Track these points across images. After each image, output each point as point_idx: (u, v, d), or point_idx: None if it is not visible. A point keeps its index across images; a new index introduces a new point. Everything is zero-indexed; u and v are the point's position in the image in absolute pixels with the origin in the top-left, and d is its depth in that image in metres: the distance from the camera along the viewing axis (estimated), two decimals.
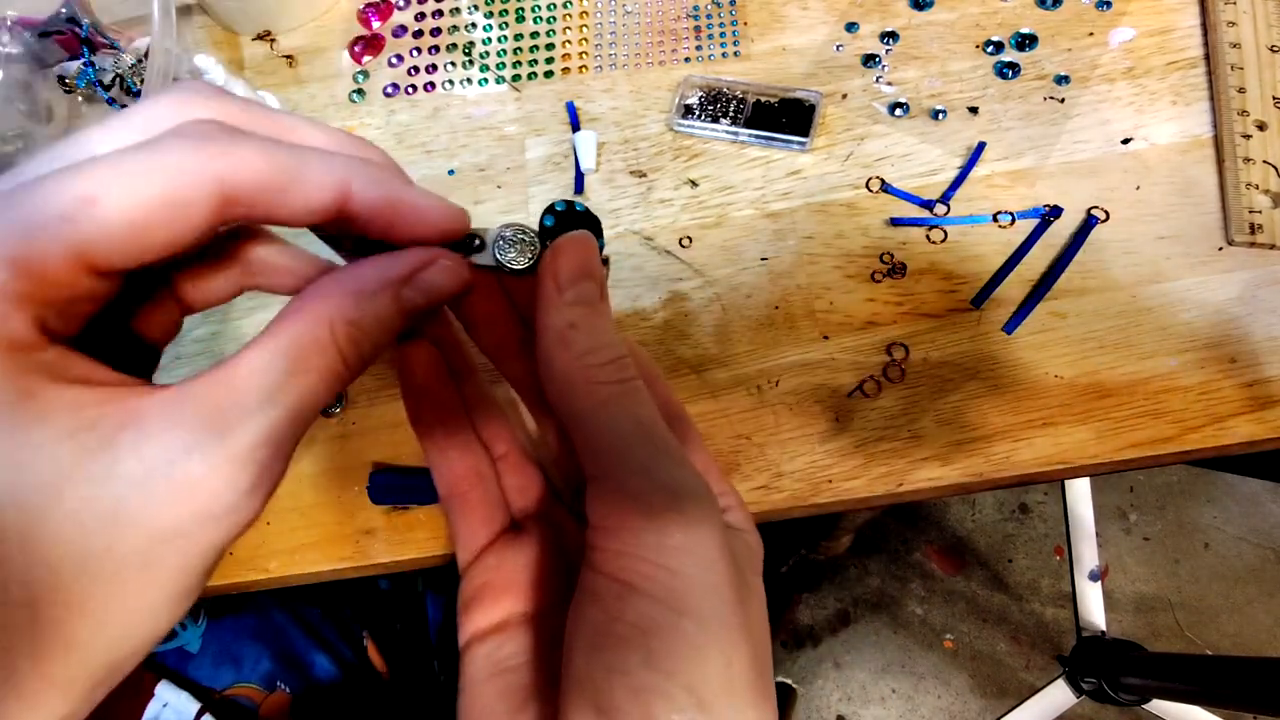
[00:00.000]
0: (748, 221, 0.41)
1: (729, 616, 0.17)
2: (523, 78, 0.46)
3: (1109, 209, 0.38)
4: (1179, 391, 0.35)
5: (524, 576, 0.22)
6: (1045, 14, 0.43)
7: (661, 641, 0.16)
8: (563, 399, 0.19)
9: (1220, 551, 1.11)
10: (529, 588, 0.22)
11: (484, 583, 0.22)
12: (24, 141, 0.47)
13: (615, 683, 0.16)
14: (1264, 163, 0.37)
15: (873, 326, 0.38)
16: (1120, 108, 0.40)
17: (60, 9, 0.47)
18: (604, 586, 0.17)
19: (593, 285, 0.20)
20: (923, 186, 0.40)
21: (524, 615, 0.22)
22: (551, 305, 0.20)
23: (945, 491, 0.35)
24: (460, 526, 0.24)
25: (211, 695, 0.44)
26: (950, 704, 1.06)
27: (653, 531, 0.17)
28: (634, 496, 0.17)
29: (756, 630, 0.18)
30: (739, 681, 0.16)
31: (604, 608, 0.17)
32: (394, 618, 0.57)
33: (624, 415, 0.19)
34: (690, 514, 0.17)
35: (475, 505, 0.24)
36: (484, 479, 0.24)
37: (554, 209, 0.23)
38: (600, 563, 0.18)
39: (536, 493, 0.24)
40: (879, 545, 1.15)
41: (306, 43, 0.49)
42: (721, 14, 0.46)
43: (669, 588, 0.17)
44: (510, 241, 0.22)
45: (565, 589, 0.21)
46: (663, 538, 0.17)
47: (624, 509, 0.17)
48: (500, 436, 0.25)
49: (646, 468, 0.18)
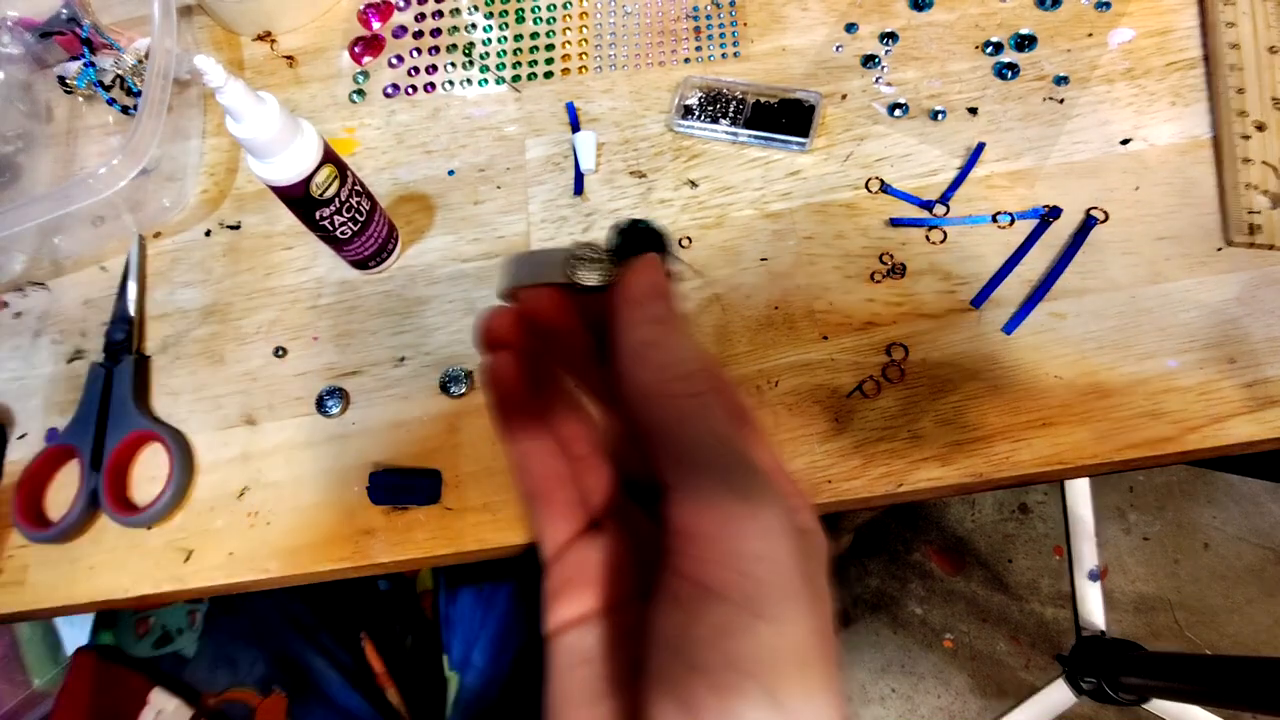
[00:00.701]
0: (747, 222, 0.41)
1: (801, 619, 0.18)
2: (523, 78, 0.46)
3: (1108, 209, 0.38)
4: (1178, 392, 0.35)
5: (603, 572, 0.24)
6: (1044, 15, 0.43)
7: (739, 644, 0.18)
8: (641, 414, 0.21)
9: (1220, 551, 1.11)
10: (607, 583, 0.24)
11: (567, 578, 0.24)
12: (24, 141, 0.47)
13: (696, 681, 0.17)
14: (1263, 163, 0.37)
15: (872, 327, 0.38)
16: (1119, 108, 0.40)
17: (60, 9, 0.47)
18: (685, 590, 0.19)
19: (665, 303, 0.22)
20: (922, 187, 0.40)
21: (603, 608, 0.23)
22: (628, 325, 0.21)
23: (945, 492, 0.35)
24: (544, 525, 0.26)
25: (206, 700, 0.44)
26: (950, 704, 1.06)
27: (729, 538, 0.19)
28: (711, 505, 0.19)
29: (827, 629, 0.20)
30: (812, 678, 0.18)
31: (685, 610, 0.19)
32: (393, 618, 0.57)
33: (700, 428, 0.20)
34: (764, 521, 0.19)
35: (558, 505, 0.26)
36: (564, 481, 0.26)
37: (621, 229, 0.25)
38: (681, 567, 0.19)
39: (613, 491, 0.27)
40: (879, 545, 1.15)
41: (307, 43, 0.49)
42: (721, 14, 0.46)
43: (746, 592, 0.18)
44: (582, 260, 0.24)
45: (640, 583, 0.23)
46: (739, 544, 0.18)
47: (702, 517, 0.19)
48: (580, 438, 0.27)
49: (723, 477, 0.19)
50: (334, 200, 0.36)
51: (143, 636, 0.47)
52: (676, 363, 0.21)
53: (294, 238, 0.44)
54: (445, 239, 0.42)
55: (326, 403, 0.39)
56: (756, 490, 0.19)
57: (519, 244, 0.42)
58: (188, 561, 0.37)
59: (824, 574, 0.22)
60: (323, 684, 0.49)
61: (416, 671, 0.55)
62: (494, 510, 0.37)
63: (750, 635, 0.18)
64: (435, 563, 0.37)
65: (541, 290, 0.24)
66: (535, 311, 0.24)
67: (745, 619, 0.18)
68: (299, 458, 0.39)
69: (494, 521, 0.36)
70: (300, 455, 0.39)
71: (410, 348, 0.40)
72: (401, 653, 0.55)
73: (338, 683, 0.49)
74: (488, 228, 0.42)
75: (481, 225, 0.43)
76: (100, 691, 0.44)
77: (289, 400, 0.40)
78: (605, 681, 0.21)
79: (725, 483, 0.19)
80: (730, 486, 0.19)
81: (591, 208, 0.42)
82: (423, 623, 0.58)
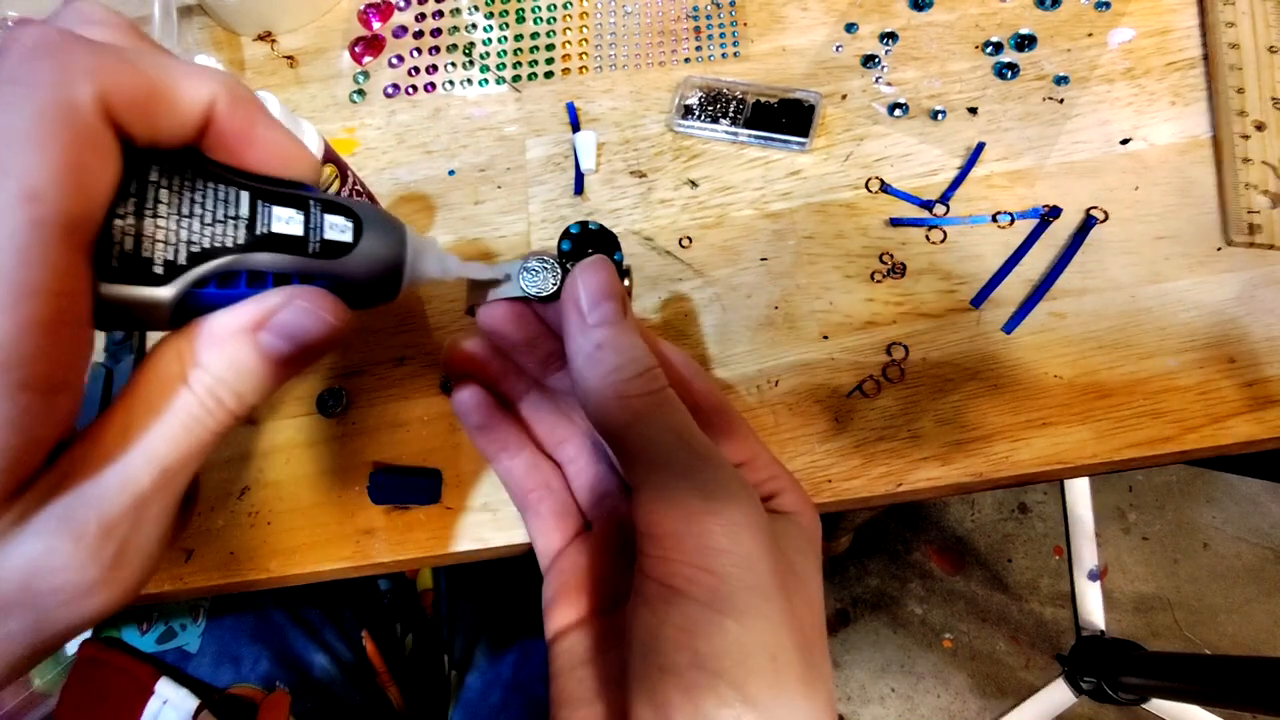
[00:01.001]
0: (747, 222, 0.41)
1: (772, 613, 0.18)
2: (523, 78, 0.46)
3: (1108, 209, 0.38)
4: (1178, 391, 0.35)
5: (594, 576, 0.24)
6: (1044, 14, 0.43)
7: (707, 642, 0.17)
8: (599, 416, 0.20)
9: (1219, 551, 1.11)
10: (599, 586, 0.24)
11: (560, 585, 0.24)
12: None
13: (668, 683, 0.17)
14: (1262, 163, 0.37)
15: (872, 326, 0.38)
16: (1119, 108, 0.41)
17: None
18: (653, 591, 0.18)
19: (614, 304, 0.21)
20: (922, 187, 0.40)
21: (596, 611, 0.23)
22: (577, 330, 0.21)
23: (945, 491, 0.35)
24: (535, 534, 0.26)
25: (212, 693, 0.44)
26: (949, 703, 1.06)
27: (692, 536, 0.18)
28: (674, 503, 0.18)
29: (804, 618, 0.19)
30: (785, 674, 0.17)
31: (653, 611, 0.18)
32: (393, 617, 0.57)
33: (658, 425, 0.20)
34: (727, 515, 0.18)
35: (546, 515, 0.26)
36: (552, 489, 0.26)
37: (569, 232, 0.25)
38: (648, 568, 0.19)
39: (608, 489, 0.26)
40: (878, 545, 1.15)
41: (307, 43, 0.49)
42: (721, 14, 0.46)
43: (711, 589, 0.18)
44: (533, 271, 0.23)
45: (629, 583, 0.22)
46: (702, 541, 0.18)
47: (665, 515, 0.18)
48: (569, 442, 0.26)
49: (684, 474, 0.19)
50: None
51: (146, 633, 0.47)
52: (628, 363, 0.20)
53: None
54: (446, 239, 0.42)
55: (327, 402, 0.39)
56: (719, 485, 0.19)
57: (519, 244, 0.42)
58: (188, 561, 0.37)
59: (808, 555, 0.21)
60: (325, 682, 0.49)
61: (417, 671, 0.55)
62: (494, 510, 0.37)
63: (718, 633, 0.17)
64: (436, 562, 0.37)
65: (498, 305, 0.23)
66: (493, 329, 0.24)
67: (711, 616, 0.17)
68: (299, 457, 0.39)
69: (494, 521, 0.36)
70: (301, 455, 0.39)
71: (411, 347, 0.40)
72: (402, 652, 0.55)
73: (340, 681, 0.49)
74: (488, 227, 0.42)
75: (482, 225, 0.43)
76: (106, 678, 0.44)
77: (289, 400, 0.40)
78: (599, 682, 0.21)
79: (687, 479, 0.19)
80: (692, 483, 0.19)
81: (592, 207, 0.42)
82: (423, 622, 0.58)
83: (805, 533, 0.22)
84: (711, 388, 0.25)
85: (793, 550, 0.20)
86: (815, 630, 0.19)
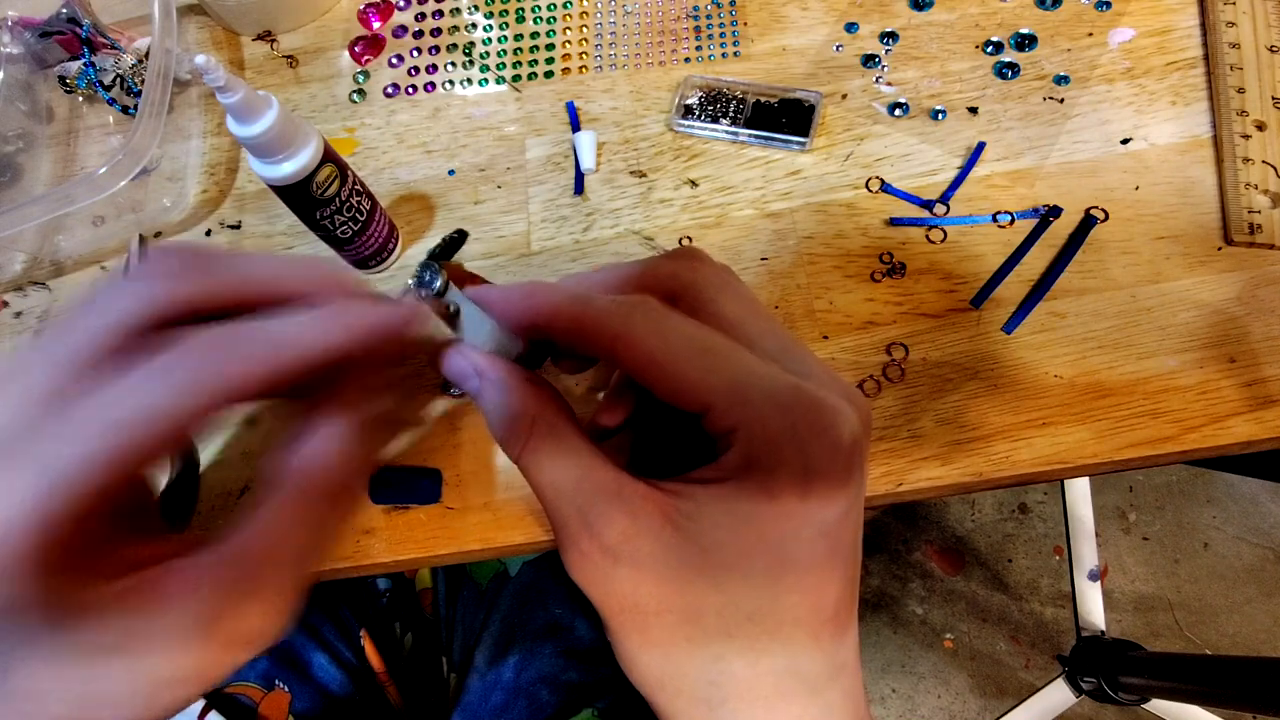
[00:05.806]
0: (747, 221, 0.41)
1: (821, 567, 0.20)
2: (523, 78, 0.46)
3: (1108, 209, 0.38)
4: (1178, 391, 0.35)
5: None
6: (1045, 14, 0.43)
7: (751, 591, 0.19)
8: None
9: (1219, 551, 1.11)
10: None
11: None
12: (24, 141, 0.47)
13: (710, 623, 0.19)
14: (1263, 163, 0.37)
15: (872, 326, 0.38)
16: (1119, 108, 0.41)
17: (60, 9, 0.47)
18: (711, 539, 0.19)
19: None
20: (922, 186, 0.40)
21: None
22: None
23: (945, 491, 0.35)
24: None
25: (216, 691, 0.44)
26: (950, 704, 1.06)
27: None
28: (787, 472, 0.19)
29: (846, 566, 0.21)
30: (825, 621, 0.20)
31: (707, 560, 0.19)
32: (392, 617, 0.57)
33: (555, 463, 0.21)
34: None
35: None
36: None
37: (433, 251, 0.30)
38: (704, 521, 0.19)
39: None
40: (879, 545, 1.15)
41: (307, 43, 0.49)
42: (721, 14, 0.46)
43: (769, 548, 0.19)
44: (420, 280, 0.26)
45: None
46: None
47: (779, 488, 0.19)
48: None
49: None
50: (334, 200, 0.36)
51: None
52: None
53: (294, 237, 0.44)
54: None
55: None
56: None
57: (519, 244, 0.42)
58: None
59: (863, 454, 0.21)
60: (324, 681, 0.49)
61: (416, 671, 0.55)
62: (495, 509, 0.37)
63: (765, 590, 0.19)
64: (436, 562, 0.37)
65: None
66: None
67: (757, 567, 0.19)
68: None
69: (495, 521, 0.36)
70: None
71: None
72: (401, 652, 0.55)
73: (339, 680, 0.49)
74: (488, 227, 0.42)
75: (482, 225, 0.43)
76: None
77: None
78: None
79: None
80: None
81: (592, 207, 0.42)
82: (423, 622, 0.58)
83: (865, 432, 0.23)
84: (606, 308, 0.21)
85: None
86: (853, 577, 0.22)
